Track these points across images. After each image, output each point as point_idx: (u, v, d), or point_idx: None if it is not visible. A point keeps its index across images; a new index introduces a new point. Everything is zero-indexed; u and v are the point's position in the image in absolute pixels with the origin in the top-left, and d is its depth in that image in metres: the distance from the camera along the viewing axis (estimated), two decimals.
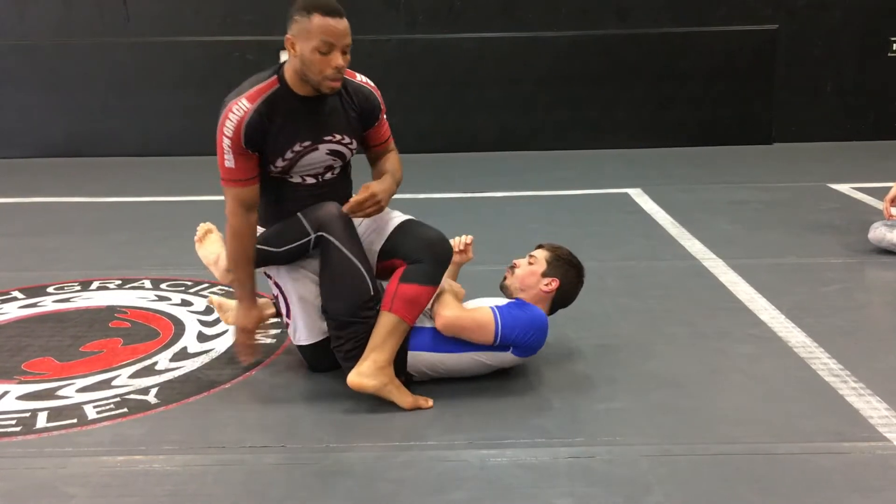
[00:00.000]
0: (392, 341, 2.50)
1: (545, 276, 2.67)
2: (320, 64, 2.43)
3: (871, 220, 4.14)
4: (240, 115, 2.47)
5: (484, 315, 2.54)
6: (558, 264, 2.69)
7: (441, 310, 2.54)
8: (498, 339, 2.53)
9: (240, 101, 2.48)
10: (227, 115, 2.48)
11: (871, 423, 2.36)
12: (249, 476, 2.18)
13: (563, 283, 2.68)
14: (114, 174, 6.47)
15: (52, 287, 3.69)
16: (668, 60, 7.06)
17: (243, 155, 2.50)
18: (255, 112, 2.47)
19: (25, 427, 2.45)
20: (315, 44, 2.40)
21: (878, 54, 7.10)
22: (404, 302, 2.49)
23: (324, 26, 2.40)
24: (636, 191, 5.45)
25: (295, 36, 2.44)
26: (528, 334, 2.55)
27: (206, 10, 7.08)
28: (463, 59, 7.08)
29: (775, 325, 3.11)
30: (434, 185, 5.68)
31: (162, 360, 2.90)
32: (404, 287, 2.50)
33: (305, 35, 2.41)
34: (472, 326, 2.53)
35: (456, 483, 2.12)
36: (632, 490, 2.07)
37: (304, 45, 2.42)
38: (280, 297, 2.76)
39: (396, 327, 2.50)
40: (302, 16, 2.41)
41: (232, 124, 2.47)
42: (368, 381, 2.47)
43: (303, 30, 2.41)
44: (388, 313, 2.50)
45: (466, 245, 2.86)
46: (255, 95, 2.50)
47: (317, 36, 2.40)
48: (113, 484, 2.14)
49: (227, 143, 2.48)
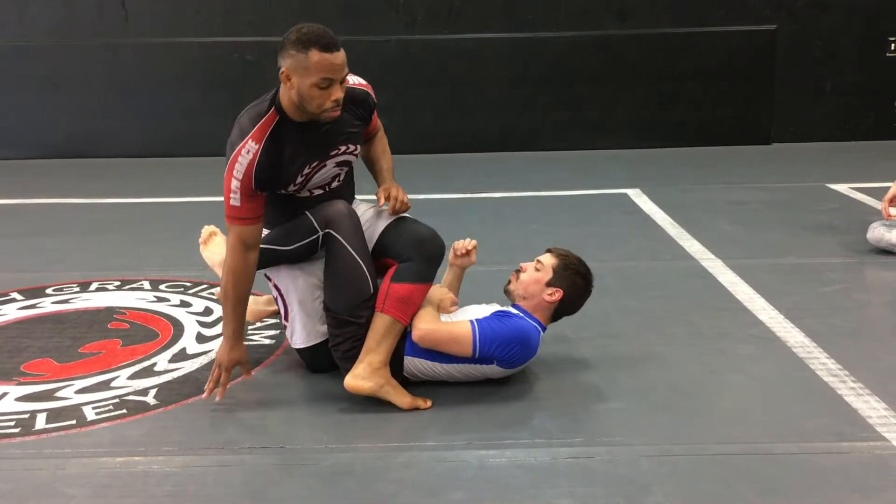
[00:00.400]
0: (387, 342, 2.50)
1: (549, 286, 2.61)
2: (319, 98, 2.39)
3: (870, 221, 4.14)
4: (250, 158, 2.44)
5: (461, 329, 2.50)
6: (565, 274, 2.62)
7: (417, 322, 2.52)
8: (476, 353, 2.50)
9: (248, 144, 2.45)
10: (237, 158, 2.45)
11: (870, 423, 2.36)
12: (249, 477, 2.18)
13: (569, 294, 2.62)
14: (113, 175, 6.47)
15: (51, 288, 3.69)
16: (668, 61, 7.06)
17: (251, 196, 2.49)
18: (263, 152, 2.45)
19: (25, 428, 2.45)
20: (314, 80, 2.36)
21: (877, 54, 7.10)
22: (397, 302, 2.50)
23: (322, 62, 2.34)
24: (635, 191, 5.45)
25: (291, 70, 2.38)
26: (509, 349, 2.50)
27: (206, 11, 7.07)
28: (463, 59, 7.08)
29: (774, 326, 3.11)
30: (434, 186, 5.68)
31: (161, 362, 2.90)
32: (396, 287, 2.51)
33: (303, 71, 2.36)
34: (448, 340, 2.51)
35: (455, 483, 2.12)
36: (632, 490, 2.07)
37: (301, 81, 2.37)
38: (279, 299, 2.77)
39: (391, 328, 2.50)
40: (298, 51, 2.35)
41: (242, 167, 2.45)
42: (364, 384, 2.47)
43: (300, 66, 2.36)
44: (382, 314, 2.50)
45: (469, 250, 2.80)
46: (259, 134, 2.46)
47: (315, 73, 2.35)
48: (112, 485, 2.14)
49: (236, 184, 2.47)
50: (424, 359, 2.56)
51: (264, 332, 3.14)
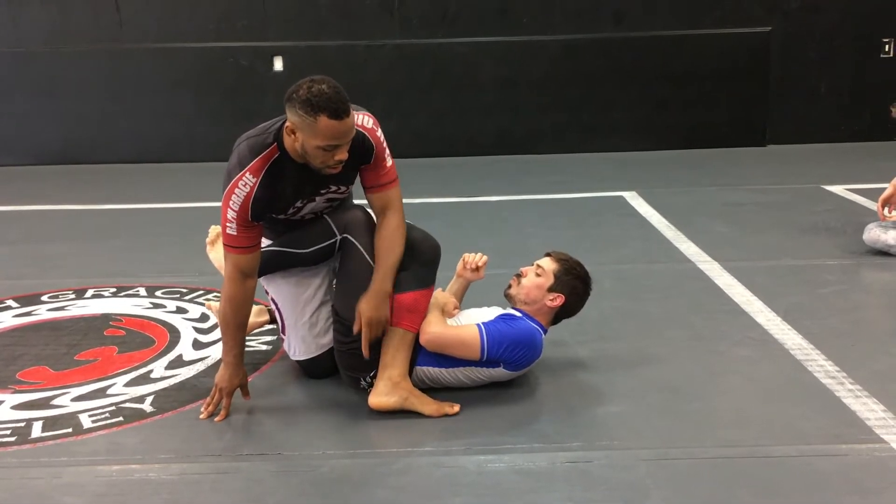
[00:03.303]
0: (402, 354, 2.51)
1: (551, 291, 2.63)
2: (323, 157, 2.37)
3: (865, 222, 4.14)
4: (246, 191, 2.43)
5: (469, 332, 2.53)
6: (566, 279, 2.64)
7: (425, 326, 2.53)
8: (484, 356, 2.52)
9: (245, 176, 2.43)
10: (234, 190, 2.44)
11: (869, 425, 2.36)
12: (246, 484, 2.17)
13: (570, 298, 2.65)
14: (109, 181, 6.45)
15: (47, 295, 3.68)
16: (663, 63, 7.07)
17: (247, 226, 2.48)
18: (260, 186, 2.43)
19: (20, 437, 2.44)
20: (320, 143, 2.33)
21: (871, 56, 7.11)
22: (404, 312, 2.50)
23: (330, 129, 2.30)
24: (631, 194, 5.45)
25: (297, 128, 2.34)
26: (516, 351, 2.53)
27: (200, 16, 7.07)
28: (458, 63, 7.08)
29: (771, 328, 3.11)
30: (431, 190, 5.67)
31: (157, 368, 2.89)
32: (400, 297, 2.51)
33: (310, 132, 2.32)
34: (456, 343, 2.52)
35: (454, 489, 2.11)
36: (630, 494, 2.07)
37: (308, 140, 2.34)
38: (276, 312, 2.77)
39: (403, 339, 2.51)
40: (307, 113, 2.29)
41: (238, 199, 2.44)
42: (388, 399, 2.47)
43: (307, 127, 2.32)
44: (392, 328, 2.51)
45: (479, 265, 2.81)
46: (258, 168, 2.44)
47: (323, 138, 2.32)
48: (109, 493, 2.13)
49: (233, 214, 2.45)
50: (434, 366, 2.57)
51: (261, 337, 3.13)
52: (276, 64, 6.95)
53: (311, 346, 2.71)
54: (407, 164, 3.21)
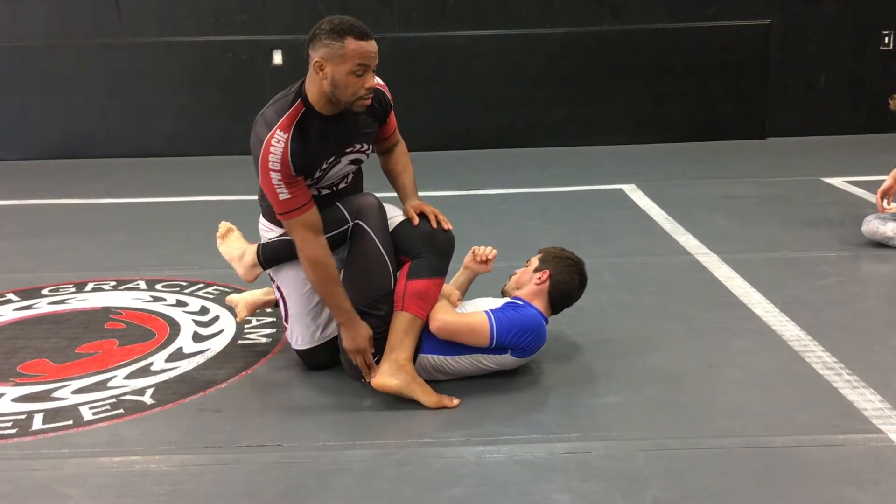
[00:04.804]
0: (409, 339, 2.53)
1: (536, 272, 2.72)
2: (354, 86, 2.43)
3: (864, 214, 4.15)
4: (282, 147, 2.45)
5: (478, 319, 2.55)
6: (548, 258, 2.75)
7: (435, 314, 2.56)
8: (493, 342, 2.54)
9: (276, 134, 2.46)
10: (269, 150, 2.45)
11: (866, 416, 2.37)
12: (247, 475, 2.18)
13: (556, 274, 2.70)
14: (108, 175, 6.46)
15: (47, 289, 3.69)
16: (662, 56, 7.06)
17: (295, 183, 2.49)
18: (292, 140, 2.46)
19: (22, 429, 2.45)
20: (350, 67, 2.40)
21: (870, 48, 7.11)
22: (415, 298, 2.52)
23: (359, 50, 2.40)
24: (630, 186, 5.45)
25: (326, 59, 2.41)
26: (524, 337, 2.56)
27: (199, 10, 7.06)
28: (457, 56, 7.08)
29: (770, 319, 3.12)
30: (430, 183, 5.65)
31: (157, 361, 2.90)
32: (412, 284, 2.54)
33: (339, 59, 2.40)
34: (466, 330, 2.54)
35: (453, 480, 2.13)
36: (629, 485, 2.08)
37: (337, 69, 2.41)
38: (281, 301, 2.78)
39: (412, 324, 2.53)
40: (334, 40, 2.39)
41: (277, 157, 2.45)
42: (391, 381, 2.48)
43: (335, 54, 2.40)
44: (402, 312, 2.53)
45: (489, 258, 2.87)
46: (287, 124, 2.48)
47: (352, 60, 2.40)
48: (110, 485, 2.14)
49: (277, 176, 2.46)
50: (438, 354, 2.58)
51: (261, 329, 3.15)
52: (275, 58, 6.94)
53: (314, 335, 2.72)
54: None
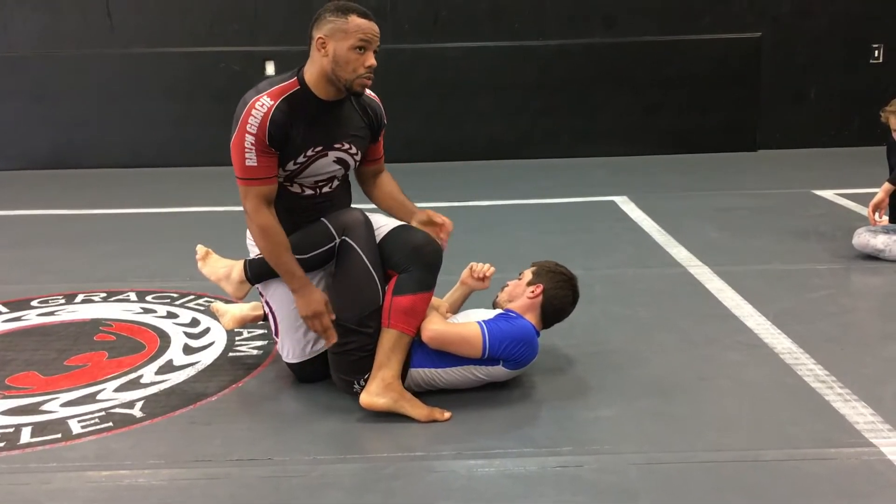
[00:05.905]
0: (396, 356, 2.51)
1: (530, 285, 2.70)
2: (355, 62, 2.49)
3: (855, 226, 4.16)
4: (264, 112, 2.47)
5: (470, 330, 2.54)
6: (542, 272, 2.73)
7: (426, 324, 2.54)
8: (486, 353, 2.53)
9: (262, 98, 2.49)
10: (251, 112, 2.47)
11: (857, 429, 2.37)
12: (237, 490, 2.16)
13: (549, 289, 2.68)
14: (99, 186, 6.44)
15: (37, 300, 3.67)
16: (654, 68, 7.10)
17: (266, 153, 2.50)
18: (277, 109, 2.49)
19: (9, 442, 2.43)
20: (353, 42, 2.47)
21: (861, 61, 7.16)
22: (401, 314, 2.50)
23: (362, 26, 2.48)
24: (622, 198, 5.46)
25: (328, 36, 2.48)
26: (517, 348, 2.55)
27: (192, 21, 7.07)
28: (450, 67, 7.10)
29: (761, 332, 3.12)
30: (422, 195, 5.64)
31: (147, 374, 2.88)
32: (398, 300, 2.51)
33: (342, 34, 2.47)
34: (458, 340, 2.53)
35: (444, 494, 2.11)
36: (620, 499, 2.07)
37: (339, 44, 2.47)
38: (270, 316, 2.76)
39: (398, 341, 2.50)
40: (338, 17, 2.48)
41: (256, 121, 2.47)
42: (379, 400, 2.47)
43: (339, 29, 2.47)
44: (388, 329, 2.51)
45: (486, 276, 2.86)
46: (276, 94, 2.51)
47: (354, 35, 2.47)
48: (98, 499, 2.12)
49: (251, 140, 2.47)
50: (429, 367, 2.57)
51: (251, 342, 3.13)
52: (267, 69, 6.95)
53: (304, 349, 2.70)
54: (398, 170, 3.22)
